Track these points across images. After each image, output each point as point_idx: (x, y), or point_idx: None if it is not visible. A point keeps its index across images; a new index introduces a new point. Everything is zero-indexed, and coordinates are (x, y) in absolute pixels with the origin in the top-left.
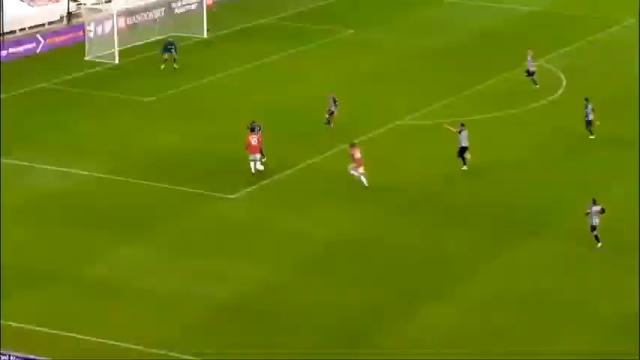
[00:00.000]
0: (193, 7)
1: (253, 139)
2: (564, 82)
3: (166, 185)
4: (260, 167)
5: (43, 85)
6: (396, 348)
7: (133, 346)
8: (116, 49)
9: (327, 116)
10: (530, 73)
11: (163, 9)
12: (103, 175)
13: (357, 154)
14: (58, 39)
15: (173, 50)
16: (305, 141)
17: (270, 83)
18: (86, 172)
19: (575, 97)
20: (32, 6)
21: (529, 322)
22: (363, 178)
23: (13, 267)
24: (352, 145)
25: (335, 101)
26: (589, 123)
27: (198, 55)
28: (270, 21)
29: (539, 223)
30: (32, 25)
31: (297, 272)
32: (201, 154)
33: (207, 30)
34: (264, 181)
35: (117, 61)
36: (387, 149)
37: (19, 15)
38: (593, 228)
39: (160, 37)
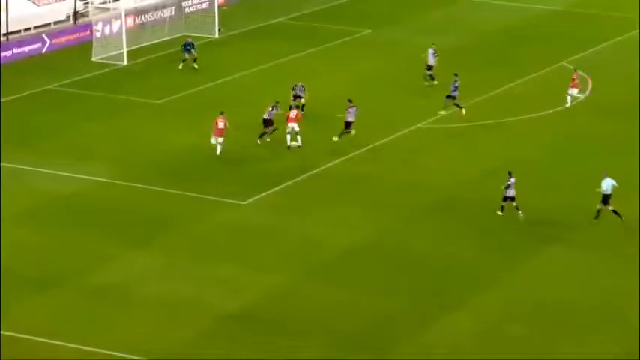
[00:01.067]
0: (204, 6)
1: (292, 113)
2: (590, 85)
3: (176, 191)
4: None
5: (48, 86)
6: (412, 356)
7: (138, 357)
8: (124, 50)
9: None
10: (429, 67)
11: (173, 8)
12: (111, 180)
13: (221, 125)
14: (64, 39)
15: (193, 50)
16: (319, 145)
17: (284, 85)
18: (94, 177)
19: (601, 99)
20: (38, 5)
21: (547, 332)
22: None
23: (19, 273)
24: (221, 113)
25: (304, 89)
26: (451, 97)
27: (210, 55)
28: (283, 21)
29: (559, 229)
30: (38, 24)
31: (309, 279)
32: (212, 158)
33: (219, 30)
34: (277, 187)
35: (125, 62)
36: (406, 153)
37: (25, 14)
38: (512, 199)
39: (170, 38)
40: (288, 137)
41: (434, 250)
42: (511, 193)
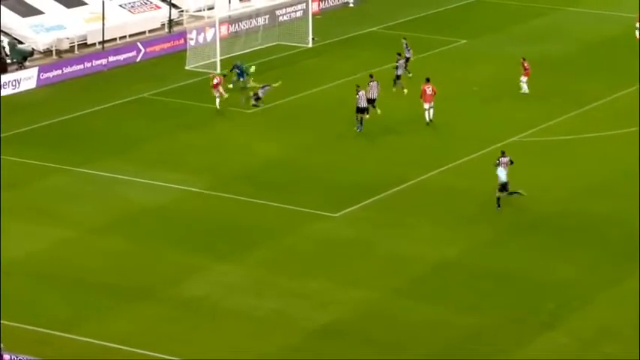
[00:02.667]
0: (298, 14)
1: (428, 89)
2: None
3: (266, 201)
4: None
5: (142, 94)
6: None
7: None
8: (218, 59)
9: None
10: (406, 60)
11: (267, 17)
12: (201, 190)
13: (216, 81)
14: (158, 47)
15: (242, 77)
16: (413, 156)
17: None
18: (185, 187)
19: None
20: (133, 13)
21: None
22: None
23: (109, 282)
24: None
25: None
26: (398, 77)
27: (303, 64)
28: (377, 30)
29: None
30: (133, 32)
31: (399, 295)
32: (303, 168)
33: (313, 39)
34: (369, 199)
35: (218, 71)
36: None
37: (120, 23)
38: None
39: (263, 46)
40: (427, 114)
41: (527, 266)
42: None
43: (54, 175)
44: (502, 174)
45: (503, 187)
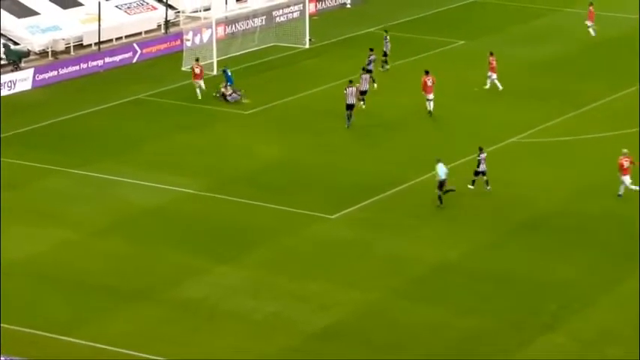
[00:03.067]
0: (295, 15)
1: (429, 81)
2: None
3: (263, 203)
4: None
5: (139, 96)
6: None
7: None
8: (214, 60)
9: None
10: (385, 54)
11: (264, 17)
12: (199, 192)
13: (197, 70)
14: (154, 48)
15: (230, 84)
16: (412, 157)
17: (376, 96)
18: (182, 189)
19: None
20: (129, 14)
21: None
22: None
23: (107, 284)
24: (197, 60)
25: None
26: (369, 71)
27: (300, 66)
28: (374, 31)
29: None
30: (129, 33)
31: (398, 297)
32: (302, 169)
33: (310, 40)
34: (366, 200)
35: (215, 72)
36: (499, 167)
37: (117, 24)
38: (483, 173)
39: (260, 47)
40: (428, 105)
41: (527, 268)
42: (482, 167)
43: (53, 176)
44: (442, 172)
45: (441, 184)
